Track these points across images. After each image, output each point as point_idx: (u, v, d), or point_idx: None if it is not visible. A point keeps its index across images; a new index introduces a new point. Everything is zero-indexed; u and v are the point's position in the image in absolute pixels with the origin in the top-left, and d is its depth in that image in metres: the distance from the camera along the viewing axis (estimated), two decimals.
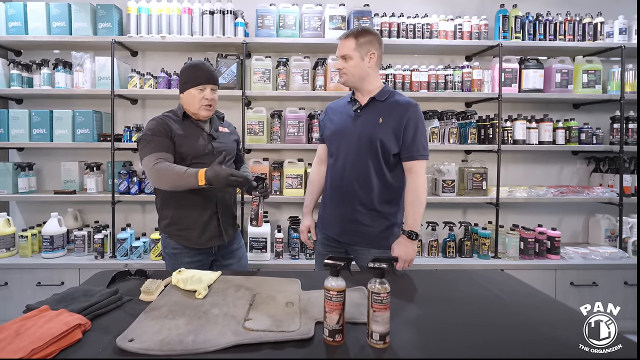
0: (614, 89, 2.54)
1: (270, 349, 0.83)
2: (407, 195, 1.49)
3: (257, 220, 1.51)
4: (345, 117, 1.56)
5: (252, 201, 1.51)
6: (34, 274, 2.27)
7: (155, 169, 1.36)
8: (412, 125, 1.45)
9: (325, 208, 1.63)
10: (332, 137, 1.58)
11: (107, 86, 2.39)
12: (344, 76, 1.52)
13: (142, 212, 2.70)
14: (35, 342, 0.78)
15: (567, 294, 2.34)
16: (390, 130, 1.46)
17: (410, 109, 1.46)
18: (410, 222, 1.47)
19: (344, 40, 1.50)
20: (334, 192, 1.56)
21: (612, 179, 2.60)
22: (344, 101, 1.64)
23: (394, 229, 1.54)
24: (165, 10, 2.41)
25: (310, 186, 1.74)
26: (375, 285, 0.85)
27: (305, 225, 1.70)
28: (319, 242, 1.66)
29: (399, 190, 1.53)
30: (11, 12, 2.41)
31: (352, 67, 1.48)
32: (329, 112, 1.66)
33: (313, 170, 1.74)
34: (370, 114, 1.51)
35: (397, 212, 1.55)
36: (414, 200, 1.47)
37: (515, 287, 1.29)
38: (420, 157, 1.47)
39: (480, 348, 0.87)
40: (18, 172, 2.45)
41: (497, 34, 2.52)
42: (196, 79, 1.48)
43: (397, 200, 1.54)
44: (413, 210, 1.47)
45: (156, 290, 1.12)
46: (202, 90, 1.48)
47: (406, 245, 1.46)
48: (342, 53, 1.49)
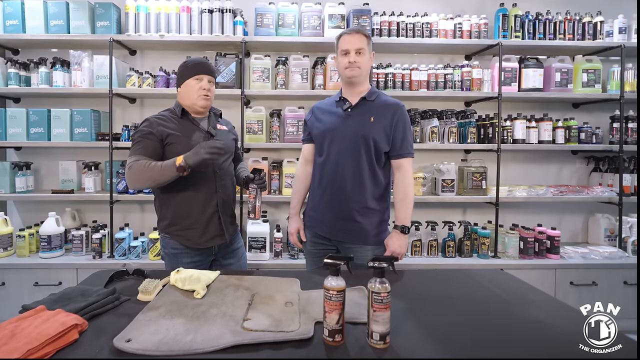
0: (614, 88, 2.54)
1: (269, 349, 0.83)
2: (396, 191, 1.55)
3: (255, 212, 1.51)
4: (335, 117, 1.57)
5: (249, 194, 1.51)
6: (31, 273, 2.26)
7: (130, 170, 1.38)
8: (401, 125, 1.52)
9: (315, 207, 1.62)
10: (322, 136, 1.58)
11: (105, 85, 2.38)
12: (357, 70, 1.51)
13: (140, 212, 2.69)
14: (31, 343, 0.77)
15: (567, 294, 2.34)
16: (382, 129, 1.51)
17: (399, 110, 1.53)
18: (402, 217, 1.52)
19: (355, 35, 1.51)
20: (325, 190, 1.56)
21: (612, 178, 2.60)
22: (330, 100, 1.64)
23: (384, 225, 1.58)
24: (163, 8, 2.40)
25: (296, 186, 1.73)
26: (376, 284, 0.84)
27: (295, 228, 1.68)
28: (308, 241, 1.66)
29: (387, 187, 1.58)
30: (8, 11, 2.40)
31: (365, 62, 1.52)
32: (315, 111, 1.66)
33: (299, 171, 1.73)
34: (362, 113, 1.53)
35: (386, 209, 1.59)
36: (404, 197, 1.53)
37: (515, 287, 1.28)
38: (408, 155, 1.54)
39: (480, 348, 0.86)
40: (15, 171, 2.44)
41: (497, 33, 2.51)
42: (194, 69, 1.50)
43: (386, 196, 1.59)
44: (404, 205, 1.53)
45: (154, 290, 1.11)
46: (199, 80, 1.49)
47: (400, 239, 1.51)
48: (357, 47, 1.50)
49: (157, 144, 1.44)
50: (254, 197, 1.50)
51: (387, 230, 1.59)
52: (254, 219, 1.52)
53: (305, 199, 1.73)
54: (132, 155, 1.42)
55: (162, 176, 1.35)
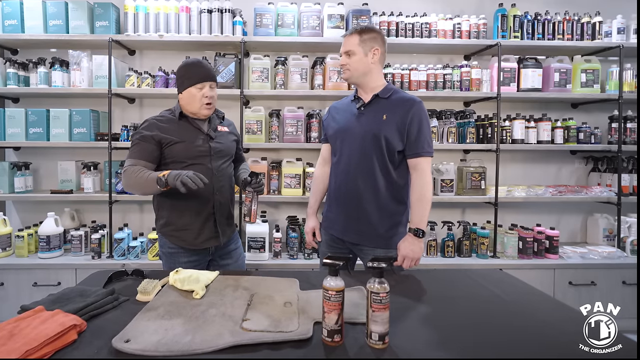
0: (612, 88, 2.54)
1: (268, 349, 0.83)
2: (412, 192, 1.47)
3: (251, 216, 1.49)
4: (349, 115, 1.55)
5: (246, 197, 1.50)
6: (30, 274, 2.26)
7: (124, 174, 1.40)
8: (416, 122, 1.44)
9: (330, 208, 1.61)
10: (336, 135, 1.57)
11: (104, 85, 2.38)
12: (347, 72, 1.51)
13: (139, 212, 2.69)
14: (29, 343, 0.77)
15: (566, 294, 2.34)
16: (395, 127, 1.45)
17: (415, 106, 1.45)
18: (417, 219, 1.44)
19: (348, 37, 1.51)
20: (339, 191, 1.55)
21: (610, 178, 2.60)
22: (347, 100, 1.63)
23: (399, 228, 1.52)
24: (163, 8, 2.39)
25: (314, 186, 1.72)
26: (374, 285, 0.84)
27: (310, 227, 1.68)
28: (324, 242, 1.64)
29: (404, 188, 1.52)
30: (7, 10, 2.39)
31: (355, 62, 1.49)
32: (332, 111, 1.65)
33: (317, 171, 1.72)
34: (374, 111, 1.50)
35: (403, 211, 1.53)
36: (420, 198, 1.44)
37: (514, 287, 1.28)
38: (425, 154, 1.45)
39: (480, 348, 0.86)
40: (14, 171, 2.43)
41: (496, 33, 2.51)
42: (194, 77, 1.47)
43: (403, 198, 1.52)
44: (419, 207, 1.44)
45: (153, 290, 1.11)
46: (200, 88, 1.47)
47: (412, 243, 1.43)
48: (345, 49, 1.50)
49: (155, 147, 1.43)
50: (250, 201, 1.49)
51: (403, 233, 1.50)
52: (249, 222, 1.51)
53: (324, 200, 1.72)
54: (129, 158, 1.43)
55: (147, 187, 1.36)
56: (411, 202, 1.48)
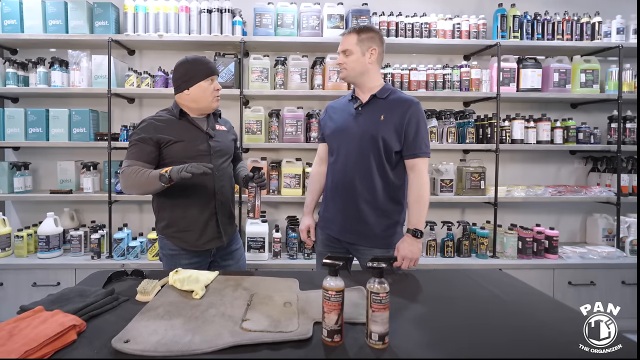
0: (612, 88, 2.54)
1: (268, 349, 0.82)
2: (410, 193, 1.47)
3: (254, 212, 1.48)
4: (346, 115, 1.55)
5: (249, 192, 1.49)
6: (29, 274, 2.25)
7: (122, 175, 1.39)
8: (414, 123, 1.45)
9: (327, 207, 1.61)
10: (333, 135, 1.57)
11: (103, 85, 2.37)
12: (344, 71, 1.51)
13: (139, 212, 2.69)
14: (28, 344, 0.77)
15: (565, 293, 2.34)
16: (392, 128, 1.45)
17: (412, 107, 1.46)
18: (415, 220, 1.45)
19: (346, 35, 1.51)
20: (336, 190, 1.55)
21: (610, 178, 2.60)
22: (344, 100, 1.63)
23: (397, 228, 1.53)
24: (162, 8, 2.39)
25: (310, 186, 1.73)
26: (374, 285, 0.84)
27: (305, 225, 1.69)
28: (320, 242, 1.64)
29: (401, 188, 1.52)
30: (7, 10, 2.39)
31: (352, 61, 1.49)
32: (329, 110, 1.65)
33: (313, 170, 1.73)
34: (372, 111, 1.50)
35: (400, 211, 1.53)
36: (418, 199, 1.45)
37: (513, 287, 1.28)
38: (422, 155, 1.46)
39: (480, 348, 0.86)
40: (14, 171, 2.43)
41: (496, 33, 2.52)
42: (203, 71, 1.46)
43: (400, 198, 1.52)
44: (417, 208, 1.45)
45: (153, 290, 1.11)
46: (211, 81, 1.48)
47: (411, 243, 1.43)
48: (342, 48, 1.50)
49: (153, 148, 1.42)
50: (253, 196, 1.48)
51: (400, 234, 1.52)
52: (253, 218, 1.50)
53: (320, 199, 1.72)
54: (127, 159, 1.41)
55: (149, 186, 1.34)
56: (409, 202, 1.48)
